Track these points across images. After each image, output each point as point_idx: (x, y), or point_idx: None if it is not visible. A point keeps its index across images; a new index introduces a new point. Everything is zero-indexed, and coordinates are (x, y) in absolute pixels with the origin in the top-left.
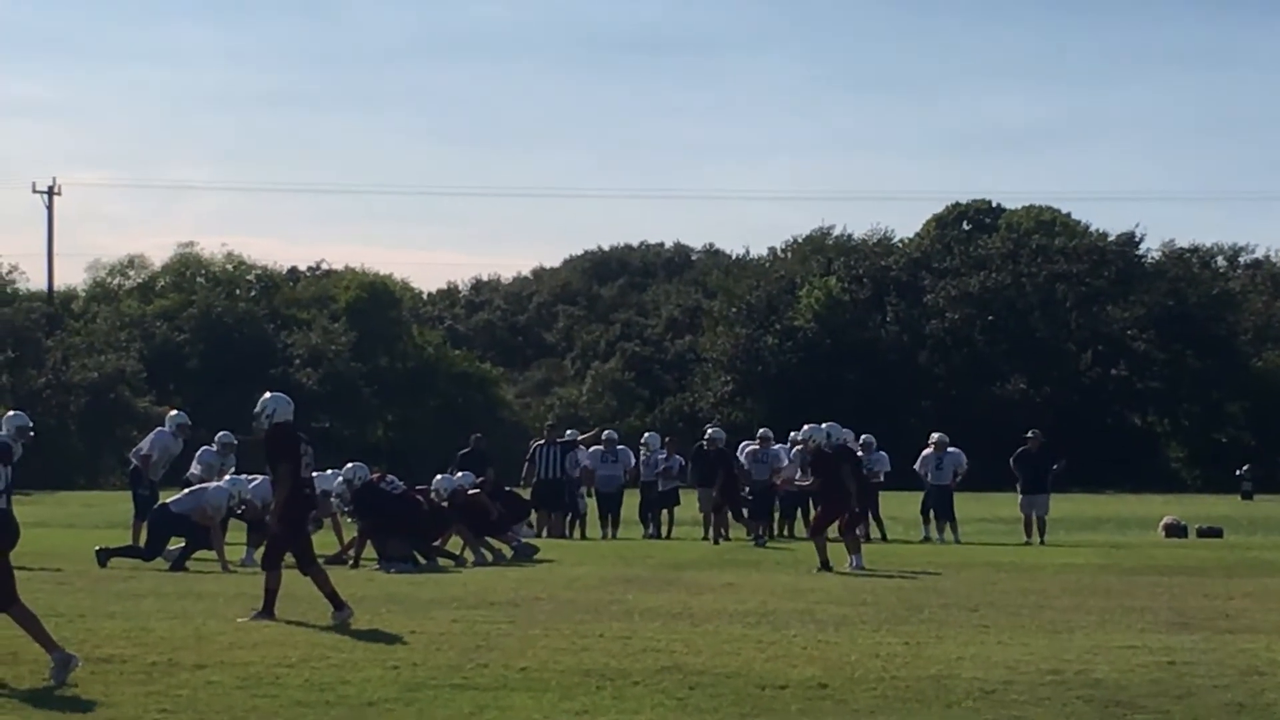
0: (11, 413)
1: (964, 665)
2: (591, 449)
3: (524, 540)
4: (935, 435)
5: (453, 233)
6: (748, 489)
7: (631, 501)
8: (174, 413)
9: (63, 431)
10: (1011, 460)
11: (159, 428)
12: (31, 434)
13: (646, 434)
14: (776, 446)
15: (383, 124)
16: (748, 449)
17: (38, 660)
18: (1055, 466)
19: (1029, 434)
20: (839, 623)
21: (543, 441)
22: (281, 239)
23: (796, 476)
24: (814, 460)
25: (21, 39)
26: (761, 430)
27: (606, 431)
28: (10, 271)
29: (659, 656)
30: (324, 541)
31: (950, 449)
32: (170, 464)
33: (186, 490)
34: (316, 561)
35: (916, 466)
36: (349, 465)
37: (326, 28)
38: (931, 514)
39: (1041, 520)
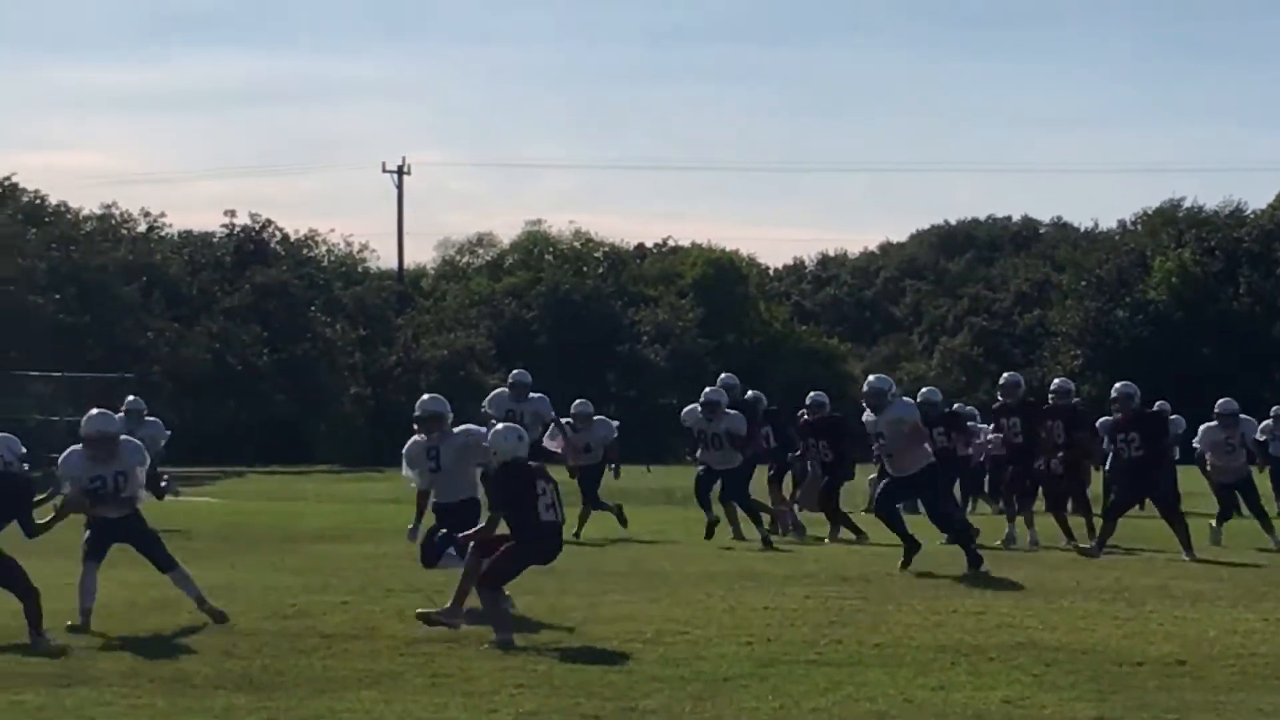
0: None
1: None
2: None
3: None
4: None
5: (799, 208)
6: None
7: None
8: (516, 371)
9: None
10: None
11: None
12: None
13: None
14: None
15: (727, 100)
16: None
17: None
18: None
19: None
20: (1195, 599)
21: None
22: (628, 216)
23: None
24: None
25: (370, 22)
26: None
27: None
28: (361, 250)
29: (1014, 632)
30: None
31: None
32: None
33: None
34: None
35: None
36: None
37: (674, 4)
38: None
39: None
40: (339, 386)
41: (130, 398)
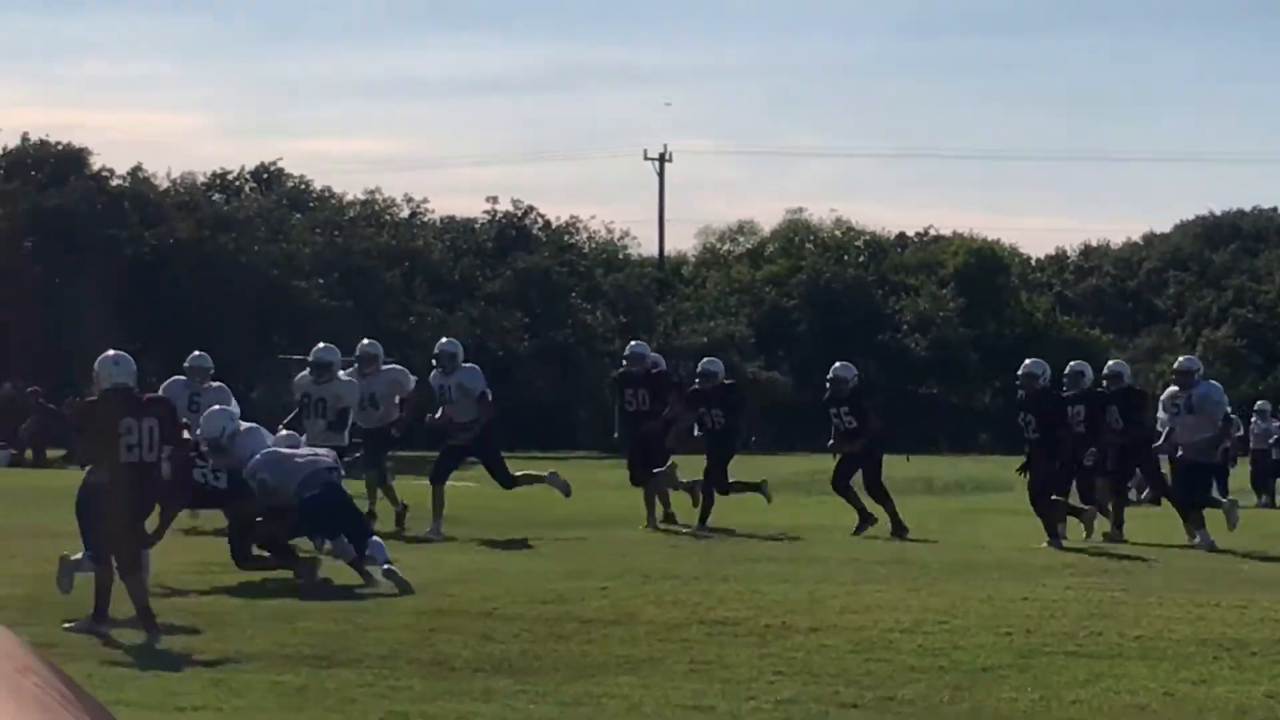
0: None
1: None
2: None
3: None
4: None
5: (1061, 198)
6: None
7: (1243, 470)
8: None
9: None
10: None
11: None
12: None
13: (1259, 402)
14: None
15: (989, 90)
16: None
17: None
18: None
19: None
20: None
21: None
22: (889, 205)
23: None
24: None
25: (632, 11)
26: None
27: None
28: (623, 238)
29: (1277, 627)
30: None
31: None
32: None
33: None
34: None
35: None
36: None
37: None
38: None
39: None
40: (599, 373)
41: (195, 353)
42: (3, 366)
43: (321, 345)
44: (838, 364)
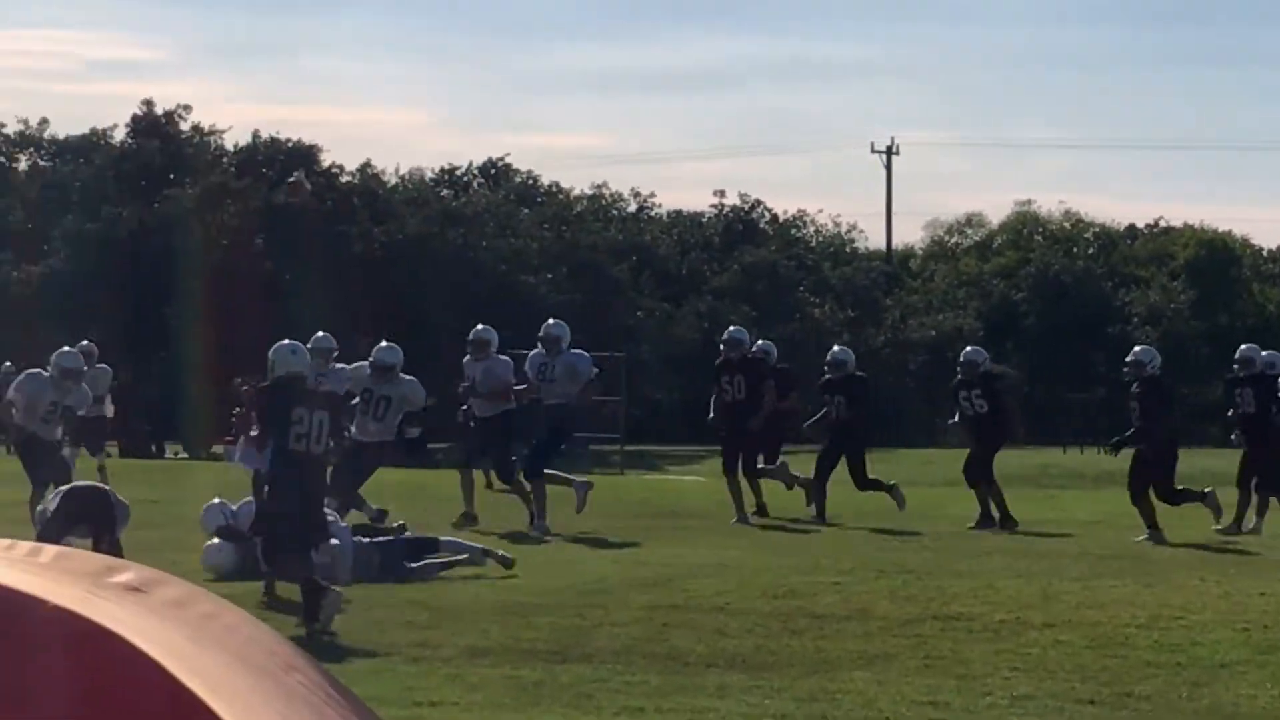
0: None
1: None
2: None
3: None
4: None
5: None
6: None
7: None
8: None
9: (901, 389)
10: None
11: None
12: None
13: None
14: None
15: (1219, 81)
16: None
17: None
18: None
19: None
20: None
21: None
22: (1118, 196)
23: None
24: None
25: (857, 2)
26: None
27: None
28: (850, 231)
29: None
30: None
31: None
32: None
33: None
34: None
35: None
36: None
37: None
38: None
39: None
40: None
41: (319, 334)
42: (235, 363)
43: (384, 345)
44: (968, 348)
